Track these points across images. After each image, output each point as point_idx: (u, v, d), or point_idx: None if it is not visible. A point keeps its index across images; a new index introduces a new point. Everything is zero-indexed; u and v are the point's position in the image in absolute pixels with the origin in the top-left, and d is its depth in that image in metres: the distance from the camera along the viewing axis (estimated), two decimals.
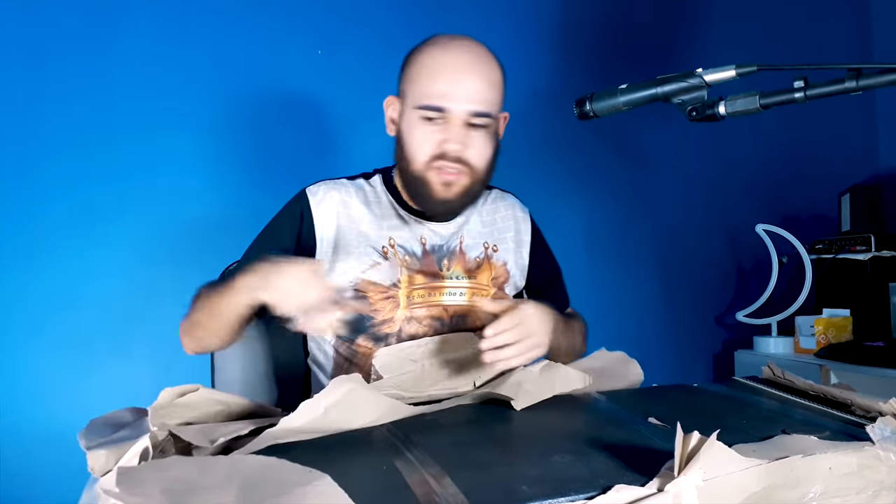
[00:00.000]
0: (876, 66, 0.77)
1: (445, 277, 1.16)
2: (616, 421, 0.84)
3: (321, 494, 0.51)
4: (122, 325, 1.84)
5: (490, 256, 1.20)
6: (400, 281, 1.13)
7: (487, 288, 1.19)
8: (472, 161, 1.08)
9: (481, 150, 1.09)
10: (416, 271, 1.14)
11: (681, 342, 2.48)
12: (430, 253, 1.16)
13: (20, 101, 1.78)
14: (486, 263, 1.20)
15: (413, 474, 0.63)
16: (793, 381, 0.98)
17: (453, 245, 1.18)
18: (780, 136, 2.59)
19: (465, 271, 1.18)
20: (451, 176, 1.08)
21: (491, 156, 1.12)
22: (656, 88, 0.89)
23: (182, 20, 1.92)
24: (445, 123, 1.06)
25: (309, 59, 2.02)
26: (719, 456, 0.55)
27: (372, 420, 0.82)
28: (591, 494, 0.55)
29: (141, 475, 0.60)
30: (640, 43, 2.43)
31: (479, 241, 1.20)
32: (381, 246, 1.14)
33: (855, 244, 2.23)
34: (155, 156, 1.89)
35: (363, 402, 0.81)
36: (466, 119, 1.06)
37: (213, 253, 1.38)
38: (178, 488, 0.56)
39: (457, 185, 1.09)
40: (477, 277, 1.18)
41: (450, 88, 1.05)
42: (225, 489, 0.55)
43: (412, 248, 1.15)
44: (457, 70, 1.05)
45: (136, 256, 1.86)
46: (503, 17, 2.28)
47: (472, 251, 1.19)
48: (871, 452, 0.63)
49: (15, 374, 1.76)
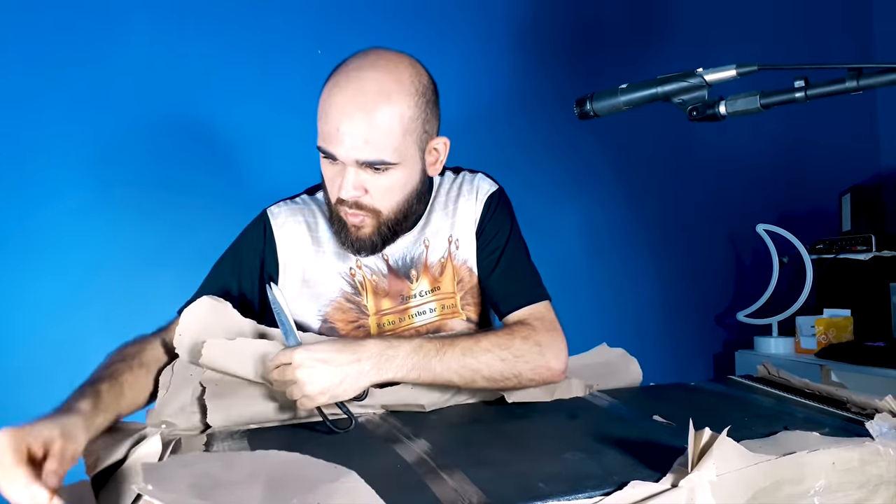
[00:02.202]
0: (876, 66, 0.77)
1: (412, 297, 1.09)
2: (621, 419, 0.86)
3: (349, 491, 0.51)
4: (123, 324, 1.85)
5: (453, 254, 1.11)
6: (368, 308, 1.08)
7: (453, 296, 1.11)
8: (372, 206, 0.99)
9: (384, 193, 0.98)
10: (384, 295, 1.08)
11: (681, 342, 2.49)
12: (395, 268, 1.09)
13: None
14: (448, 264, 1.10)
15: (429, 472, 0.64)
16: (788, 379, 1.00)
17: (418, 252, 1.09)
18: (780, 136, 2.60)
19: (430, 280, 1.10)
20: (356, 219, 1.00)
21: (403, 197, 1.01)
22: (656, 88, 0.88)
23: (180, 21, 1.94)
24: (342, 166, 0.96)
25: (309, 60, 2.04)
26: (730, 452, 0.57)
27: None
28: (607, 490, 0.56)
29: (166, 471, 0.62)
30: (639, 42, 2.44)
31: (444, 236, 1.11)
32: (349, 268, 1.08)
33: (855, 244, 2.24)
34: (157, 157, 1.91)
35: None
36: (357, 164, 0.95)
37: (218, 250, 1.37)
38: (204, 483, 0.58)
39: (365, 228, 1.01)
40: (441, 286, 1.10)
41: (335, 133, 0.93)
42: (251, 484, 0.56)
43: (377, 266, 1.08)
44: (345, 112, 0.93)
45: (137, 255, 1.87)
46: (504, 16, 2.30)
47: (436, 252, 1.10)
48: (871, 448, 0.65)
49: (15, 374, 1.76)
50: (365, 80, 0.94)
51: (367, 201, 0.99)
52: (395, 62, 0.97)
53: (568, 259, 2.32)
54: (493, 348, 0.95)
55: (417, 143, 0.99)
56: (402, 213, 1.03)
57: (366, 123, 0.93)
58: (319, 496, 0.52)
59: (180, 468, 0.63)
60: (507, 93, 2.29)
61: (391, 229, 1.03)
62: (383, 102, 0.93)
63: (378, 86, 0.94)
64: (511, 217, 1.14)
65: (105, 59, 1.87)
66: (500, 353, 0.94)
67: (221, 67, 1.98)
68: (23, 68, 1.81)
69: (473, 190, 1.13)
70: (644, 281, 2.44)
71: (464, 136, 2.12)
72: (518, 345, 0.96)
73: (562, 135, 2.32)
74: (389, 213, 1.01)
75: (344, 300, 1.08)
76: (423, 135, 1.00)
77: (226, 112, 1.98)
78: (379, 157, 0.95)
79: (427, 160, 1.04)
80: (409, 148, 0.98)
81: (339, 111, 0.93)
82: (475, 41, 2.26)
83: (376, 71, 0.95)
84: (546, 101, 2.30)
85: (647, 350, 2.41)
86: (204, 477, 0.59)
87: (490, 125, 2.24)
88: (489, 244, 1.11)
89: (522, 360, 0.95)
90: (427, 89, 1.00)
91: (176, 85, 1.93)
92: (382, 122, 0.93)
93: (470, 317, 1.13)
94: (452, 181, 1.15)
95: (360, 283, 1.08)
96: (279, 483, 0.56)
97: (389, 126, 0.94)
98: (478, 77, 2.25)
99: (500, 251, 1.10)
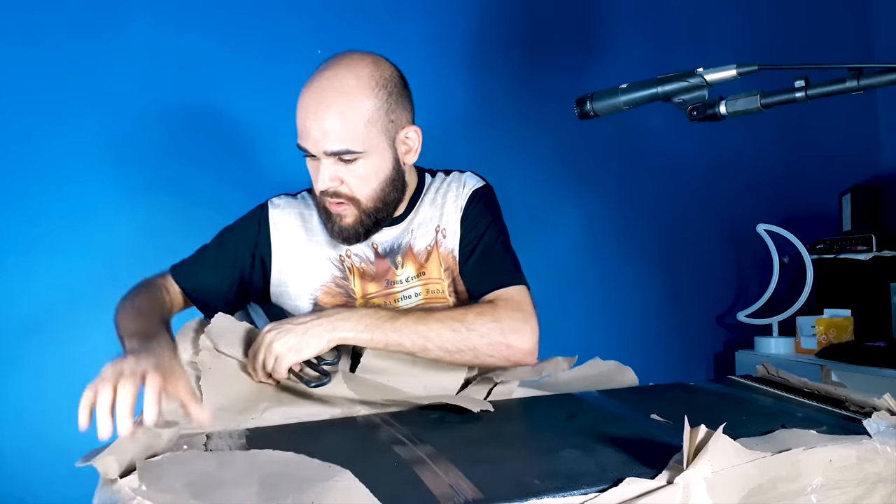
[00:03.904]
0: (877, 66, 0.77)
1: (397, 282, 1.15)
2: (618, 417, 0.86)
3: (344, 490, 0.52)
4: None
5: (439, 243, 1.16)
6: (355, 292, 1.14)
7: (440, 281, 1.16)
8: (349, 194, 1.07)
9: (358, 182, 1.06)
10: (370, 280, 1.15)
11: (682, 342, 2.49)
12: (384, 255, 1.16)
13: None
14: (435, 251, 1.16)
15: (425, 470, 0.64)
16: (787, 379, 1.00)
17: (405, 241, 1.16)
18: (780, 135, 2.60)
19: (415, 266, 1.16)
20: (338, 208, 1.08)
21: (378, 184, 1.08)
22: (657, 88, 0.89)
23: (180, 22, 1.95)
24: (318, 160, 1.06)
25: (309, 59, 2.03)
26: (726, 449, 0.57)
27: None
28: (602, 487, 0.56)
29: (162, 469, 0.62)
30: (639, 42, 2.44)
31: (431, 226, 1.17)
32: (339, 255, 1.15)
33: (856, 244, 2.24)
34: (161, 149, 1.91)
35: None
36: (329, 156, 1.04)
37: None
38: (200, 482, 0.58)
39: (348, 217, 1.09)
40: (427, 271, 1.16)
41: (306, 128, 1.04)
42: (246, 483, 0.56)
43: (366, 254, 1.15)
44: (311, 109, 1.03)
45: (138, 253, 1.87)
46: (505, 13, 2.30)
47: (423, 241, 1.16)
48: (869, 446, 0.65)
49: (15, 374, 1.77)
50: (328, 79, 1.04)
51: (344, 190, 1.07)
52: (356, 60, 1.07)
53: (568, 259, 2.32)
54: (446, 319, 1.00)
55: (384, 132, 1.07)
56: (381, 201, 1.09)
57: (328, 117, 1.02)
58: (314, 495, 0.52)
59: (175, 467, 0.63)
60: (507, 93, 2.30)
61: (372, 218, 1.10)
62: (342, 97, 1.03)
63: (339, 82, 1.04)
64: (494, 210, 1.20)
65: (105, 59, 1.88)
66: (451, 324, 0.99)
67: (221, 67, 1.99)
68: (23, 68, 1.81)
69: (461, 185, 1.20)
70: (644, 281, 2.44)
71: (464, 136, 2.15)
72: (472, 318, 1.01)
73: (562, 134, 2.32)
74: (367, 202, 1.08)
75: (333, 285, 1.15)
76: (390, 124, 1.07)
77: (225, 112, 1.99)
78: (344, 146, 1.03)
79: (400, 150, 1.11)
80: (374, 137, 1.05)
81: (306, 109, 1.04)
82: (476, 40, 2.26)
83: (338, 69, 1.05)
84: (547, 101, 2.30)
85: (647, 350, 2.43)
86: (199, 476, 0.59)
87: (491, 125, 2.24)
88: (469, 233, 1.16)
89: (476, 334, 1.00)
90: (388, 82, 1.07)
91: (175, 85, 1.94)
92: (343, 115, 1.02)
93: (457, 304, 1.16)
94: (443, 180, 1.22)
95: (348, 269, 1.15)
96: (274, 482, 0.56)
97: (350, 117, 1.03)
98: (478, 77, 2.25)
99: (478, 241, 1.15)
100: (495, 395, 0.99)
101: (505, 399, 0.98)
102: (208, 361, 0.94)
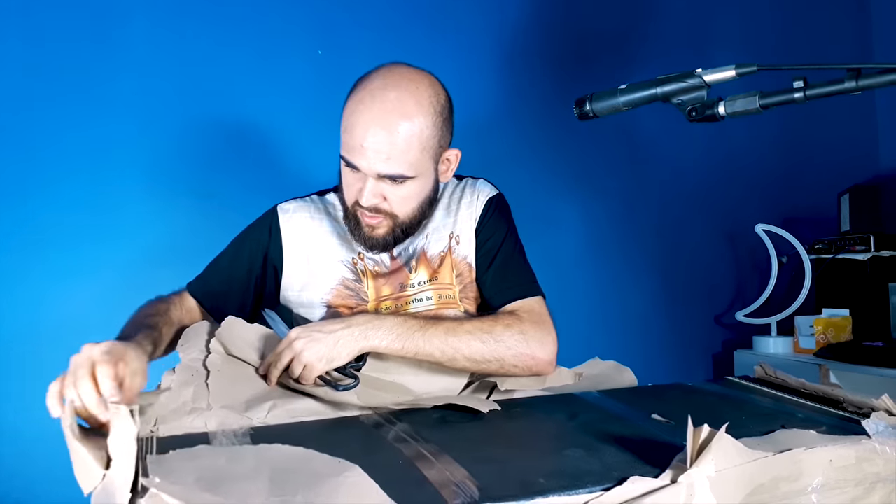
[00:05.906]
0: (876, 66, 0.77)
1: (409, 285, 1.15)
2: (620, 417, 0.86)
3: (354, 486, 0.52)
4: (123, 324, 1.86)
5: (452, 249, 1.17)
6: (367, 294, 1.14)
7: (452, 287, 1.16)
8: (389, 211, 1.08)
9: (401, 201, 1.08)
10: (384, 283, 1.15)
11: (680, 342, 2.50)
12: (398, 259, 1.16)
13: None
14: (448, 257, 1.17)
15: (430, 468, 0.65)
16: (785, 379, 1.01)
17: (419, 246, 1.17)
18: (780, 136, 2.61)
19: (428, 271, 1.16)
20: (373, 221, 1.09)
21: (418, 204, 1.10)
22: (656, 89, 0.89)
23: (180, 22, 1.95)
24: (363, 175, 1.05)
25: (309, 59, 2.05)
26: (728, 448, 0.57)
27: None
28: (607, 486, 0.57)
29: (172, 464, 0.63)
30: (639, 41, 2.45)
31: (445, 232, 1.18)
32: (352, 258, 1.15)
33: (854, 244, 2.25)
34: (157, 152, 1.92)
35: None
36: (377, 176, 1.04)
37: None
38: (210, 476, 0.59)
39: (380, 229, 1.10)
40: (440, 277, 1.16)
41: (358, 146, 1.02)
42: (256, 478, 0.57)
43: (381, 258, 1.16)
44: (366, 131, 1.01)
45: (137, 253, 1.88)
46: (508, 15, 2.30)
47: (436, 246, 1.17)
48: (868, 446, 0.66)
49: (15, 374, 1.77)
50: (387, 101, 1.02)
51: (385, 207, 1.08)
52: (416, 82, 1.05)
53: (568, 259, 2.33)
54: (476, 330, 1.02)
55: (433, 157, 1.09)
56: (417, 218, 1.12)
57: (388, 141, 1.01)
58: (324, 490, 0.53)
59: (186, 461, 0.63)
60: (507, 93, 2.30)
61: (404, 231, 1.12)
62: (405, 122, 1.02)
63: (400, 105, 1.02)
64: (509, 220, 1.21)
65: (106, 59, 1.88)
66: (481, 336, 1.01)
67: (221, 68, 1.99)
68: (23, 67, 1.81)
69: (475, 193, 1.20)
70: (643, 281, 2.45)
71: (464, 136, 2.15)
72: (500, 330, 1.03)
73: (562, 135, 2.32)
74: (405, 218, 1.10)
75: (343, 287, 1.15)
76: (438, 149, 1.09)
77: (226, 112, 1.99)
78: (398, 171, 1.04)
79: (440, 169, 1.13)
80: (425, 162, 1.07)
81: (364, 128, 1.01)
82: (476, 39, 2.26)
83: (399, 91, 1.03)
84: (548, 101, 2.30)
85: (647, 350, 2.44)
86: (210, 470, 0.60)
87: (490, 125, 2.25)
88: (486, 243, 1.17)
89: (504, 346, 1.01)
90: (444, 108, 1.09)
91: (176, 85, 1.94)
92: (403, 141, 1.02)
93: (468, 309, 1.17)
94: (456, 186, 1.23)
95: (361, 271, 1.15)
96: (284, 477, 0.56)
97: (409, 144, 1.03)
98: (478, 76, 2.25)
99: (496, 251, 1.17)
100: (495, 395, 1.00)
101: (505, 399, 0.99)
102: (218, 363, 0.94)
